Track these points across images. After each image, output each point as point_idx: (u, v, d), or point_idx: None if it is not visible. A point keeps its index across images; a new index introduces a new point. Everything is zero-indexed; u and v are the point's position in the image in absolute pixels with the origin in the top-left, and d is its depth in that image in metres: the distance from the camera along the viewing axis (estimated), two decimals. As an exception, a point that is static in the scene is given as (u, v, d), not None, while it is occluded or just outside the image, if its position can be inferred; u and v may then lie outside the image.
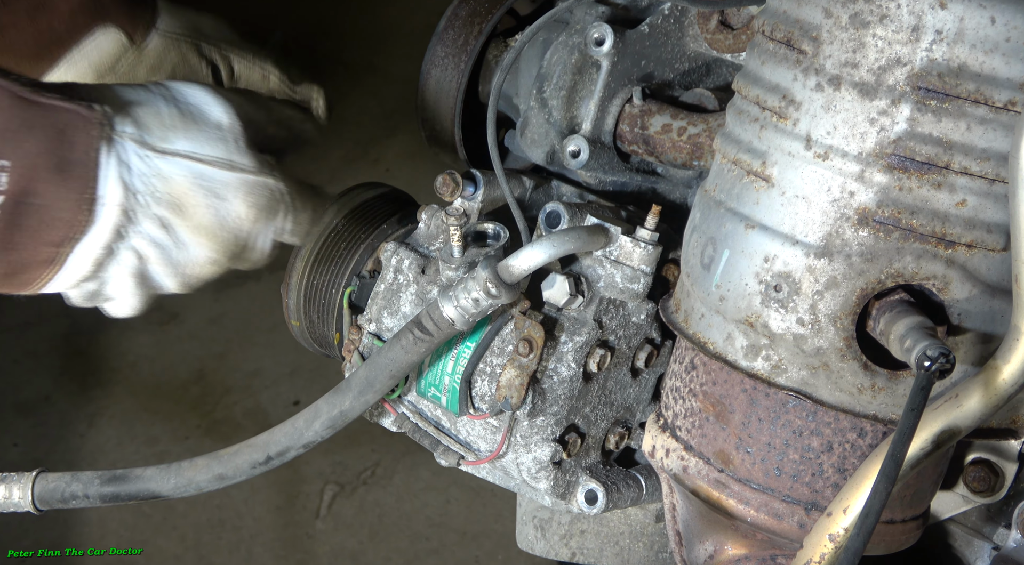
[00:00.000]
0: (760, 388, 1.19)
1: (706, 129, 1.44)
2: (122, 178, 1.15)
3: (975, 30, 1.06)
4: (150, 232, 1.19)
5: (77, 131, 1.11)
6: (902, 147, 1.09)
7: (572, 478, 1.42)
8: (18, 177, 1.08)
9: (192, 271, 1.26)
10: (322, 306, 1.54)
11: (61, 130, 1.10)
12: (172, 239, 1.22)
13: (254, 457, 1.35)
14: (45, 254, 1.14)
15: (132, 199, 1.16)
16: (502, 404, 1.34)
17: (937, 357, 1.01)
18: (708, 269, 1.20)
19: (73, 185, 1.12)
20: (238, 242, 1.27)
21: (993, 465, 1.37)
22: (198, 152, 1.20)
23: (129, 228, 1.18)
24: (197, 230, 1.23)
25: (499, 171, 1.38)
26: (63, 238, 1.14)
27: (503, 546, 3.37)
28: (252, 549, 3.39)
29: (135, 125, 1.17)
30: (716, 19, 1.49)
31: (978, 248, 1.11)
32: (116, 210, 1.16)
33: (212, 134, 1.21)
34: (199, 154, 1.20)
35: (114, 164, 1.15)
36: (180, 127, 1.19)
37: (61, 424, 3.66)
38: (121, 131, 1.15)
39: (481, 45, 1.55)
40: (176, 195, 1.19)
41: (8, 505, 1.37)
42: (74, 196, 1.12)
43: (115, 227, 1.17)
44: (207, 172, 1.20)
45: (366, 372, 1.33)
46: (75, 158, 1.11)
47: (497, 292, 1.27)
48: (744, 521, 1.22)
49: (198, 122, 1.21)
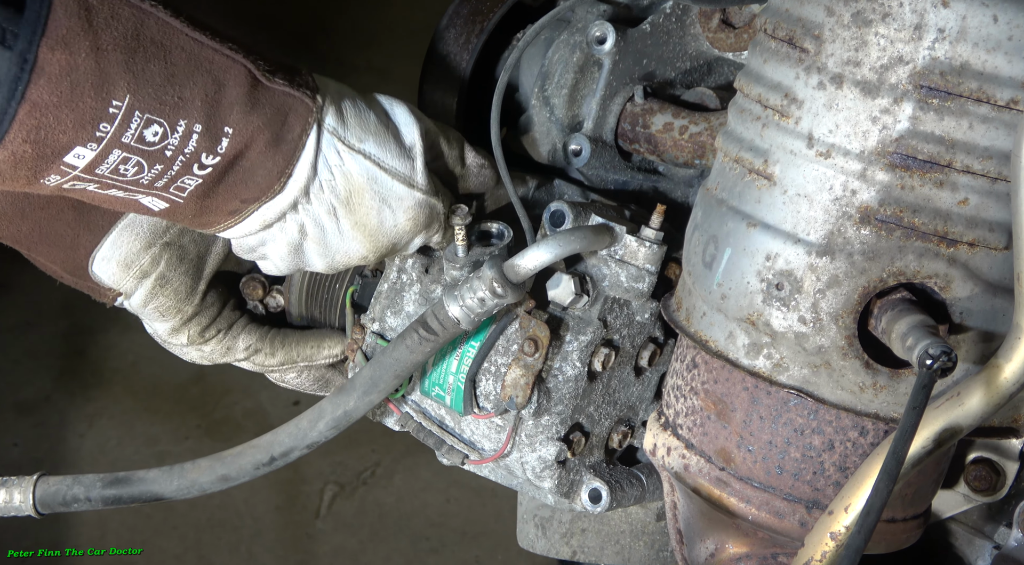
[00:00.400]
0: (762, 386, 1.19)
1: (708, 128, 1.44)
2: (313, 162, 1.26)
3: (977, 28, 1.06)
4: (318, 214, 1.30)
5: (297, 116, 1.23)
6: (904, 145, 1.09)
7: (576, 477, 1.42)
8: (236, 144, 1.20)
9: (341, 259, 1.35)
10: (324, 301, 1.54)
11: (285, 112, 1.22)
12: (335, 226, 1.32)
13: (258, 458, 1.35)
14: (233, 206, 1.26)
15: (314, 182, 1.27)
16: (507, 403, 1.34)
17: (939, 355, 1.01)
18: (710, 268, 1.20)
19: (279, 159, 1.24)
20: (390, 246, 1.36)
21: (994, 464, 1.37)
22: (383, 160, 1.30)
23: (302, 204, 1.28)
24: (358, 227, 1.32)
25: (503, 170, 1.38)
26: (254, 198, 1.25)
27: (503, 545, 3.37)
28: (252, 549, 3.38)
29: (340, 121, 1.27)
30: (718, 18, 1.49)
31: (980, 247, 1.11)
32: (298, 187, 1.27)
33: (400, 149, 1.32)
34: (383, 162, 1.30)
35: (311, 149, 1.26)
36: (375, 133, 1.30)
37: (61, 424, 3.66)
38: (327, 123, 1.26)
39: (483, 43, 1.55)
40: (351, 190, 1.30)
41: (9, 509, 1.37)
42: (277, 168, 1.24)
43: (293, 200, 1.27)
44: (383, 179, 1.31)
45: (370, 372, 1.33)
46: (288, 137, 1.23)
47: (503, 292, 1.27)
48: (745, 519, 1.22)
49: (391, 135, 1.31)
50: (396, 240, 1.36)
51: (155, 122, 1.15)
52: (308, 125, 1.24)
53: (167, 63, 1.15)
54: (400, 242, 1.37)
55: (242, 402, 3.72)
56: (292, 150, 1.24)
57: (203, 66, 1.17)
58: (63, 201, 1.37)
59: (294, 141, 1.24)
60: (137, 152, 1.16)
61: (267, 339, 1.52)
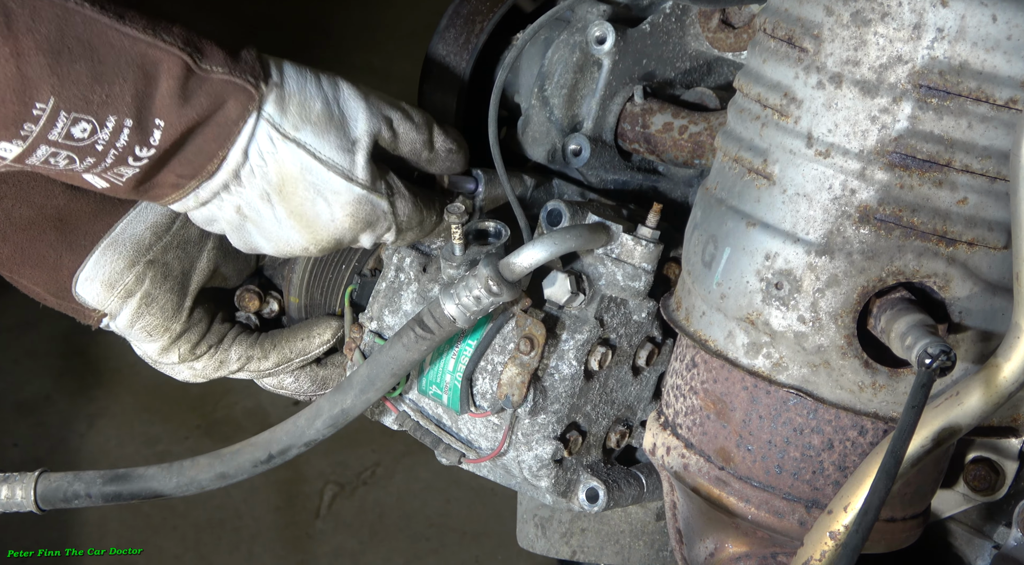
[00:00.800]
0: (761, 386, 1.19)
1: (707, 127, 1.44)
2: (245, 148, 1.25)
3: (976, 28, 1.06)
4: (251, 198, 1.29)
5: (236, 102, 1.22)
6: (903, 145, 1.09)
7: (573, 476, 1.42)
8: (170, 135, 1.20)
9: (283, 246, 1.34)
10: (328, 282, 1.55)
11: (223, 99, 1.22)
12: (271, 212, 1.30)
13: (256, 455, 1.35)
14: (174, 180, 1.26)
15: (244, 167, 1.27)
16: (503, 402, 1.34)
17: (938, 355, 1.01)
18: (709, 267, 1.20)
19: (214, 143, 1.23)
20: (331, 240, 1.33)
21: (994, 463, 1.37)
22: (319, 151, 1.28)
23: (234, 187, 1.28)
24: (293, 215, 1.30)
25: (500, 169, 1.38)
26: (189, 174, 1.25)
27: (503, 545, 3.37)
28: (252, 549, 3.39)
29: (279, 108, 1.26)
30: (717, 18, 1.49)
31: (979, 246, 1.11)
32: (230, 170, 1.26)
33: (341, 141, 1.29)
34: (319, 153, 1.28)
35: (246, 135, 1.25)
36: (315, 123, 1.28)
37: (61, 424, 3.66)
38: (266, 111, 1.25)
39: (482, 43, 1.55)
40: (283, 178, 1.28)
41: (11, 505, 1.37)
42: (211, 149, 1.24)
43: (223, 182, 1.27)
44: (318, 170, 1.28)
45: (368, 370, 1.33)
46: (224, 122, 1.23)
47: (498, 290, 1.27)
48: (745, 519, 1.22)
49: (334, 126, 1.29)
50: (337, 235, 1.33)
51: (83, 120, 1.15)
52: (246, 112, 1.23)
53: (94, 61, 1.15)
54: (342, 238, 1.34)
55: (242, 402, 3.72)
56: (227, 135, 1.24)
57: (133, 61, 1.17)
58: (45, 222, 1.38)
59: (229, 126, 1.23)
60: (66, 148, 1.17)
61: (258, 344, 1.51)
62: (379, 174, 1.33)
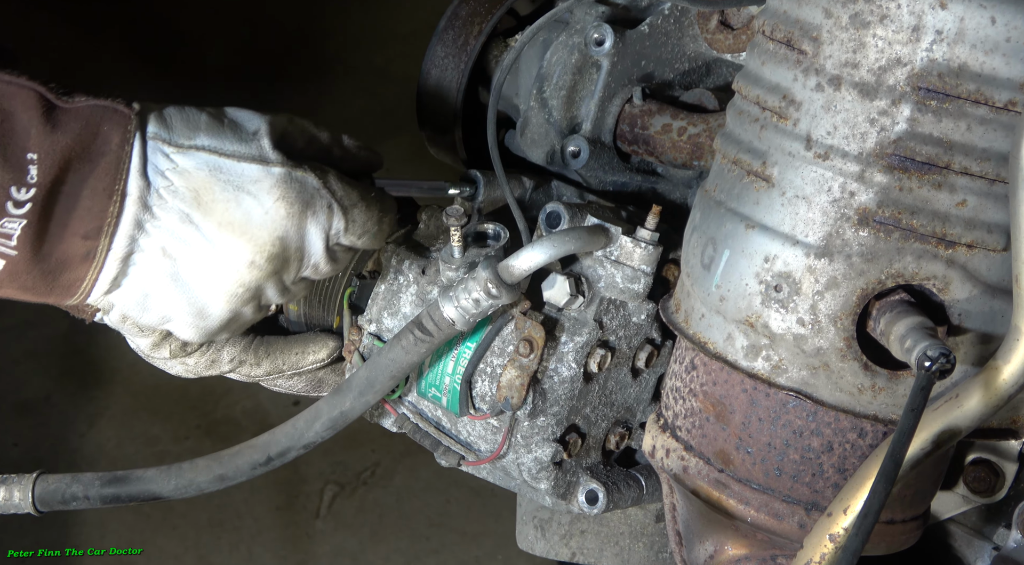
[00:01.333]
0: (760, 388, 1.19)
1: (706, 129, 1.44)
2: (142, 170, 1.18)
3: (975, 30, 1.06)
4: (171, 227, 1.20)
5: (113, 125, 1.15)
6: (902, 147, 1.09)
7: (573, 478, 1.42)
8: (48, 168, 1.12)
9: (232, 277, 1.23)
10: (324, 290, 1.54)
11: (96, 124, 1.15)
12: (198, 235, 1.21)
13: (255, 458, 1.35)
14: (80, 247, 1.17)
15: (150, 193, 1.18)
16: (503, 404, 1.34)
17: (937, 357, 1.01)
18: (708, 269, 1.20)
19: (102, 176, 1.15)
20: (275, 242, 1.24)
21: (993, 465, 1.37)
22: (222, 147, 1.21)
23: (148, 222, 1.20)
24: (224, 226, 1.21)
25: (499, 171, 1.38)
26: (94, 229, 1.16)
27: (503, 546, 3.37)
28: (252, 549, 3.38)
29: (163, 124, 1.20)
30: (716, 19, 1.49)
31: (978, 248, 1.11)
32: (135, 202, 1.18)
33: (241, 135, 1.22)
34: (222, 149, 1.21)
35: (138, 158, 1.17)
36: (207, 128, 1.21)
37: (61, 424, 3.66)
38: (150, 129, 1.19)
39: (481, 45, 1.55)
40: (196, 189, 1.20)
41: (9, 506, 1.37)
42: (103, 186, 1.15)
43: (135, 219, 1.18)
44: (228, 165, 1.21)
45: (367, 373, 1.33)
46: (106, 149, 1.15)
47: (498, 292, 1.27)
48: (744, 521, 1.22)
49: (227, 127, 1.23)
50: (278, 231, 1.23)
51: None
52: (128, 133, 1.16)
53: None
54: (286, 233, 1.24)
55: (242, 402, 3.71)
56: (115, 163, 1.16)
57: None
58: None
59: (114, 153, 1.16)
60: None
61: (251, 349, 1.46)
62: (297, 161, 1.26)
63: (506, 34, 1.58)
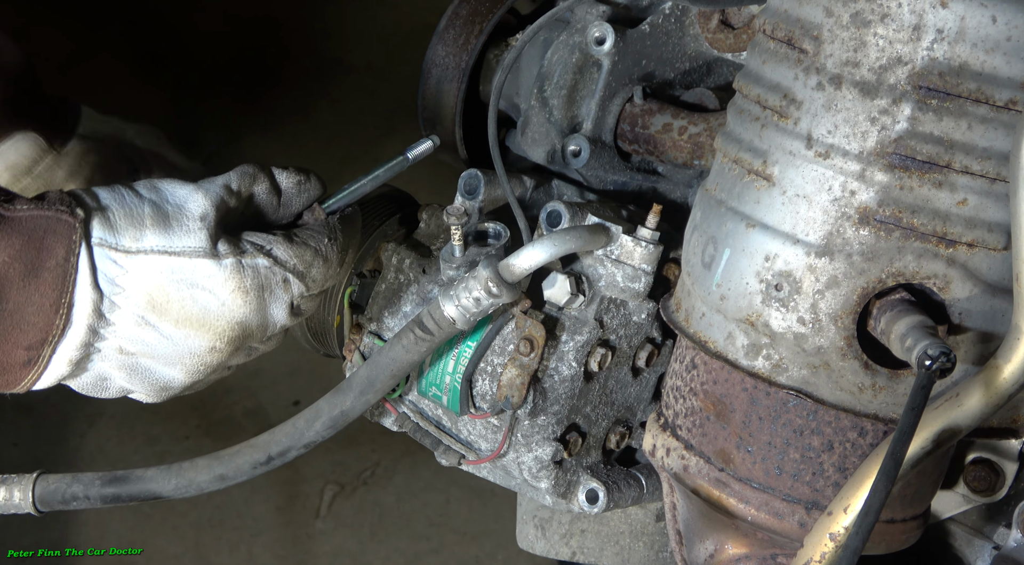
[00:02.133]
0: (761, 387, 1.19)
1: (707, 128, 1.44)
2: (93, 282, 1.16)
3: (976, 29, 1.06)
4: (127, 331, 1.20)
5: (57, 237, 1.13)
6: (903, 146, 1.09)
7: (573, 477, 1.42)
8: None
9: (193, 362, 1.25)
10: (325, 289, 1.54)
11: (40, 236, 1.12)
12: (156, 335, 1.21)
13: (255, 457, 1.35)
14: (21, 357, 1.15)
15: (103, 302, 1.17)
16: (503, 403, 1.34)
17: (938, 356, 1.01)
18: (709, 268, 1.20)
19: (47, 290, 1.13)
20: (234, 327, 1.24)
21: (993, 464, 1.37)
22: (171, 246, 1.19)
23: (102, 329, 1.19)
24: (181, 323, 1.21)
25: (500, 170, 1.38)
26: (38, 341, 1.15)
27: (503, 546, 3.37)
28: (252, 549, 3.38)
29: (108, 229, 1.17)
30: (717, 18, 1.49)
31: (979, 247, 1.11)
32: (86, 314, 1.16)
33: (188, 225, 1.20)
34: (172, 248, 1.19)
35: (86, 269, 1.15)
36: (153, 224, 1.18)
37: (61, 424, 3.65)
38: (95, 235, 1.16)
39: (482, 45, 1.55)
40: (150, 293, 1.19)
41: (9, 507, 1.36)
42: (48, 301, 1.13)
43: (87, 328, 1.17)
44: (180, 265, 1.19)
45: (367, 371, 1.32)
46: (50, 264, 1.13)
47: (498, 291, 1.27)
48: (745, 520, 1.22)
49: (173, 217, 1.20)
50: (238, 317, 1.23)
51: None
52: (73, 244, 1.13)
53: None
54: (247, 319, 1.24)
55: (242, 402, 3.71)
56: (61, 277, 1.13)
57: None
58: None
59: (60, 267, 1.13)
60: None
61: None
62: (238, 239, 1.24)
63: (506, 34, 1.58)
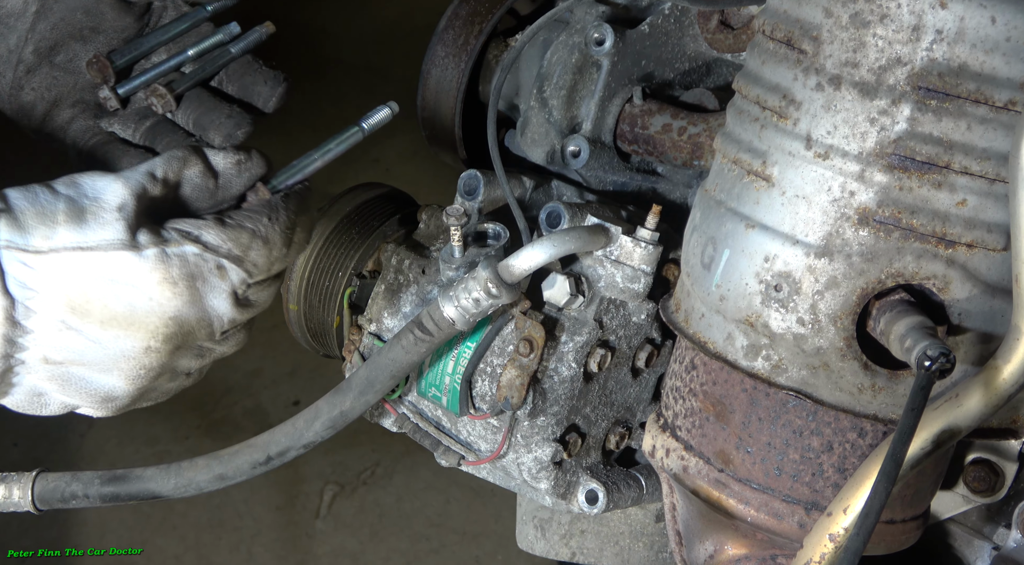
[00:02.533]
0: (760, 388, 1.19)
1: (706, 129, 1.44)
2: (3, 286, 1.09)
3: (975, 30, 1.06)
4: (52, 339, 1.12)
5: None
6: (902, 147, 1.09)
7: (573, 478, 1.42)
8: None
9: (130, 365, 1.16)
10: (324, 289, 1.54)
11: None
12: (82, 339, 1.13)
13: (254, 457, 1.35)
14: None
15: (16, 308, 1.10)
16: (503, 404, 1.34)
17: (937, 357, 1.01)
18: (708, 269, 1.20)
19: None
20: (167, 323, 1.15)
21: (993, 465, 1.37)
22: (85, 241, 1.10)
23: (19, 339, 1.12)
24: (108, 324, 1.12)
25: (499, 171, 1.38)
26: None
27: (503, 546, 3.37)
28: (252, 549, 3.39)
29: (16, 230, 1.09)
30: (716, 19, 1.49)
31: (978, 248, 1.11)
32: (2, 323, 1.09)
33: (104, 218, 1.11)
34: (86, 243, 1.10)
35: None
36: (66, 220, 1.10)
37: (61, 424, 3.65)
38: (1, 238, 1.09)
39: (481, 45, 1.55)
40: (67, 294, 1.10)
41: (8, 505, 1.36)
42: None
43: (4, 337, 1.10)
44: (97, 260, 1.10)
45: (367, 372, 1.32)
46: None
47: (498, 292, 1.26)
48: (744, 521, 1.22)
49: (88, 211, 1.11)
50: (171, 312, 1.14)
51: None
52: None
53: None
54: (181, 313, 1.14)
55: (242, 402, 3.72)
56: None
57: None
58: None
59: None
60: None
61: None
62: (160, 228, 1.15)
63: (506, 34, 1.58)
